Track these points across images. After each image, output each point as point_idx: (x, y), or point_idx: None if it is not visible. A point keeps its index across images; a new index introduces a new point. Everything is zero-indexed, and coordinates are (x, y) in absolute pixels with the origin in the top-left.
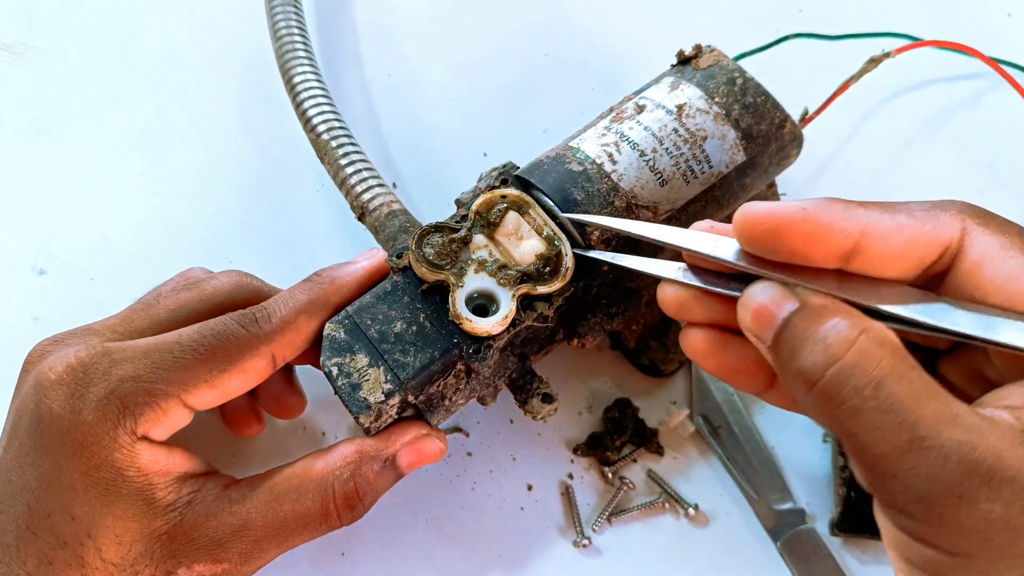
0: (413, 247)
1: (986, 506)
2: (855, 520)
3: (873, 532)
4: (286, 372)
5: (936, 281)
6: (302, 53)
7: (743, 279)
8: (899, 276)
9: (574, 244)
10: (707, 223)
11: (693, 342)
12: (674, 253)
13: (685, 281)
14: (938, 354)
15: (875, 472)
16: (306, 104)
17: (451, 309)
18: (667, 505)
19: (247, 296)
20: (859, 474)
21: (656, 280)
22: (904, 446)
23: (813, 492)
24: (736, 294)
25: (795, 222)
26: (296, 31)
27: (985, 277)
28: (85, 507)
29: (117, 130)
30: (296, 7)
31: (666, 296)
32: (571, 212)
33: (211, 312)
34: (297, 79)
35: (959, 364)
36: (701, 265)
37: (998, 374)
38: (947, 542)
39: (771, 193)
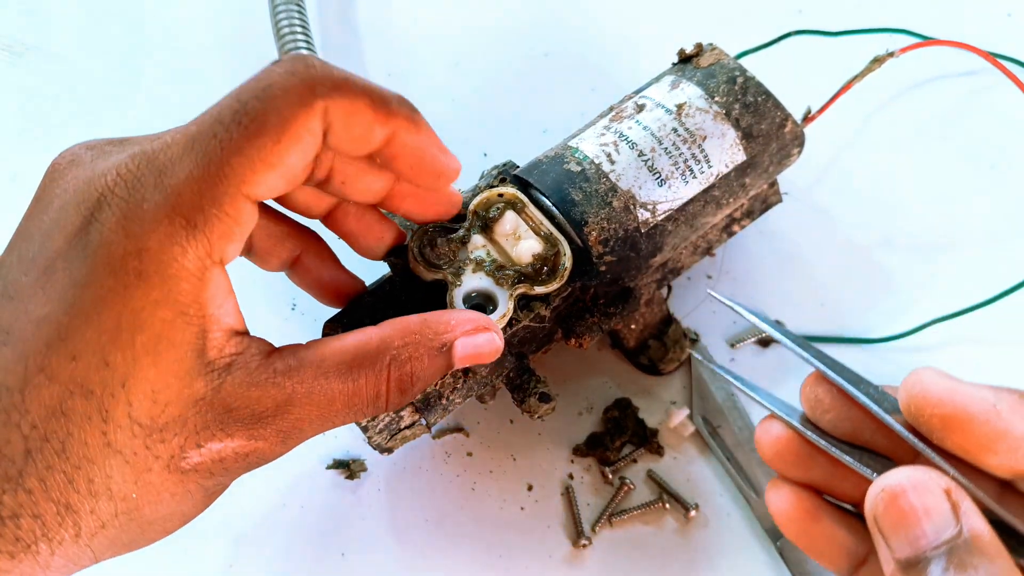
0: (411, 246)
1: None
2: None
3: None
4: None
5: None
6: (304, 51)
7: (869, 452)
8: None
9: (571, 244)
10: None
11: (785, 504)
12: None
13: (803, 430)
14: None
15: None
16: None
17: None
18: (667, 505)
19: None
20: None
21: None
22: None
23: None
24: (863, 469)
25: (979, 420)
26: (299, 29)
27: None
28: (126, 352)
29: (117, 130)
30: (299, 6)
31: (769, 436)
32: (568, 212)
33: None
34: None
35: None
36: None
37: None
38: None
39: (772, 192)
